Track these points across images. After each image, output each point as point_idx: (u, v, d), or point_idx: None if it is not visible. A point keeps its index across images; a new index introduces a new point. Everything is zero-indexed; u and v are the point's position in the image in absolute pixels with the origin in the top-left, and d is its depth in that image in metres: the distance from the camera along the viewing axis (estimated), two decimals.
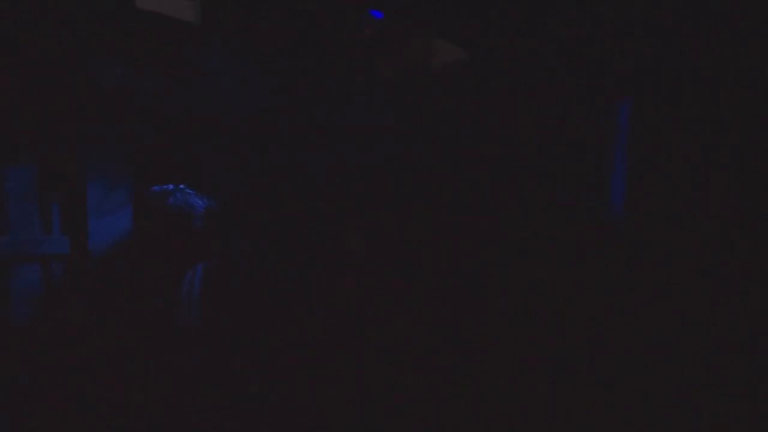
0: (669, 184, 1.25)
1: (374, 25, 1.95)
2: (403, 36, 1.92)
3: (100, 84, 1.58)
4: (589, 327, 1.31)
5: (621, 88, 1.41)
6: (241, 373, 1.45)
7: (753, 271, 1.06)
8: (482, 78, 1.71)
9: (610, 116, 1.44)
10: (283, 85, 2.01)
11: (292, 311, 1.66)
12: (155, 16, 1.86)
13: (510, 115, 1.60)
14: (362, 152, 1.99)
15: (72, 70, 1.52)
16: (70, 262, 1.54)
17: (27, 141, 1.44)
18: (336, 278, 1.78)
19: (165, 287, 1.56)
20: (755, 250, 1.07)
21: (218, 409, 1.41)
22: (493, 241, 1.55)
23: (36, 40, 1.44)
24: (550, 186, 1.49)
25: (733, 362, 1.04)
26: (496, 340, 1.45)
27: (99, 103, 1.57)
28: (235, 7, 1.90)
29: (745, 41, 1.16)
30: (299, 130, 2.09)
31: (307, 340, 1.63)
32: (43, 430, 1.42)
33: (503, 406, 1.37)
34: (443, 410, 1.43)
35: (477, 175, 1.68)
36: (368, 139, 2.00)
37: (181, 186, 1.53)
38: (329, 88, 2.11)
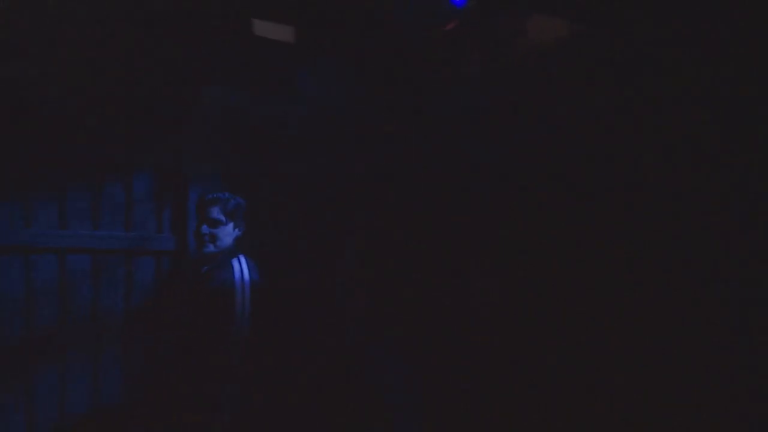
0: None
1: (457, 16, 1.77)
2: (490, 22, 1.68)
3: (206, 102, 1.79)
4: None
5: None
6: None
7: None
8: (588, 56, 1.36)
9: None
10: (372, 93, 1.98)
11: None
12: (262, 41, 2.04)
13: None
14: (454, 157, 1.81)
15: (185, 91, 1.76)
16: (174, 258, 1.78)
17: (148, 154, 1.71)
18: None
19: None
20: None
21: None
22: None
23: (157, 69, 1.71)
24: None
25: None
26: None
27: (201, 120, 1.78)
28: (326, 22, 1.93)
29: None
30: (391, 137, 2.02)
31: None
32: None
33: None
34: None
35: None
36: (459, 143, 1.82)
37: (227, 195, 1.54)
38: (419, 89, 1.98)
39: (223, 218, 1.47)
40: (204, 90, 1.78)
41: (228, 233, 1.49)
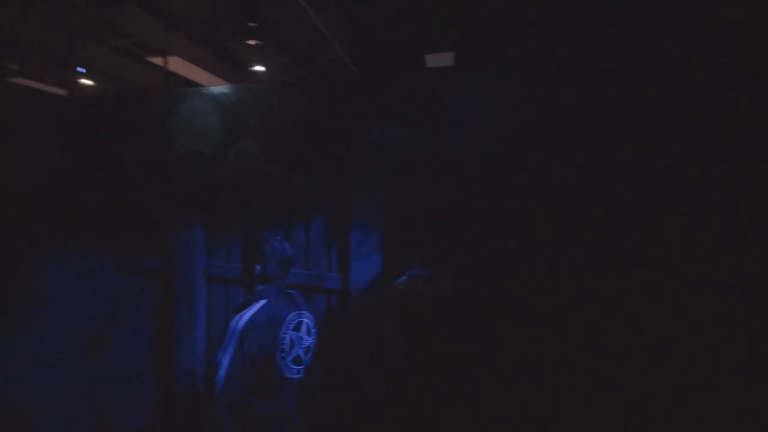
0: None
1: None
2: None
3: (372, 142, 1.85)
4: None
5: None
6: None
7: None
8: None
9: None
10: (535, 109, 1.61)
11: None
12: (426, 71, 1.98)
13: None
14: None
15: (355, 135, 1.88)
16: (340, 296, 1.87)
17: (322, 199, 1.89)
18: None
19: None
20: None
21: None
22: None
23: (331, 118, 1.89)
24: None
25: None
26: None
27: (366, 161, 1.84)
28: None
29: None
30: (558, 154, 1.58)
31: None
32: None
33: None
34: None
35: None
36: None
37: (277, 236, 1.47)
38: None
39: None
40: (372, 131, 1.84)
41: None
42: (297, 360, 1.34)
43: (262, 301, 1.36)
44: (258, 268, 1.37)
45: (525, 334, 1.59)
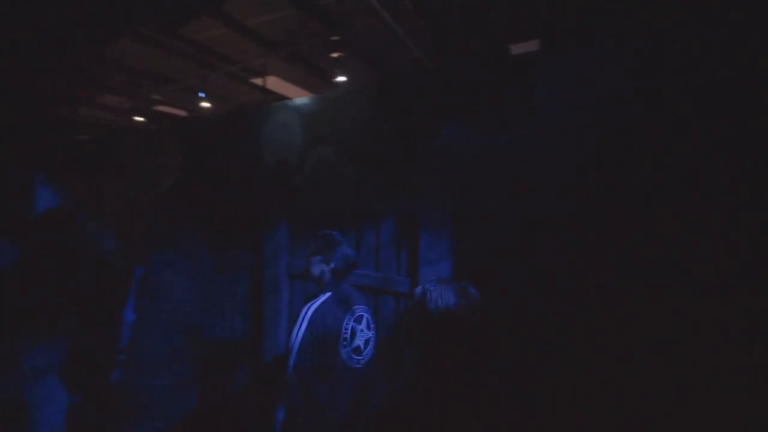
0: None
1: None
2: None
3: (442, 142, 1.80)
4: None
5: None
6: None
7: None
8: None
9: None
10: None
11: None
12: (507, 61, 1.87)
13: None
14: None
15: (425, 133, 1.86)
16: (407, 299, 1.85)
17: (392, 202, 1.91)
18: None
19: None
20: None
21: None
22: None
23: (401, 118, 1.89)
24: None
25: None
26: None
27: (435, 161, 1.80)
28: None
29: None
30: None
31: None
32: None
33: None
34: None
35: None
36: None
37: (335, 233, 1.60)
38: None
39: None
40: (442, 130, 1.79)
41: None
42: (357, 350, 1.44)
43: (329, 293, 1.49)
44: (325, 266, 1.54)
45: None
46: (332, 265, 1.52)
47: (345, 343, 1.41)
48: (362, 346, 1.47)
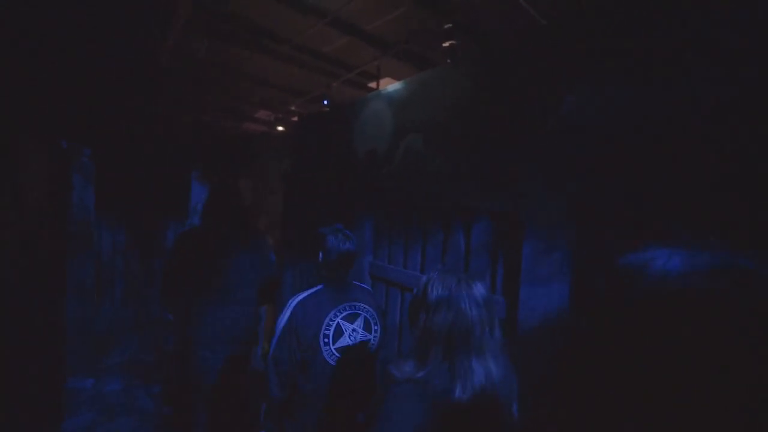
0: None
1: None
2: None
3: (563, 113, 1.31)
4: None
5: None
6: None
7: None
8: None
9: None
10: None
11: None
12: None
13: None
14: None
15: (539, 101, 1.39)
16: (504, 326, 1.40)
17: (486, 196, 1.49)
18: None
19: None
20: None
21: None
22: None
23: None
24: None
25: None
26: None
27: (551, 139, 1.31)
28: None
29: None
30: None
31: None
32: None
33: None
34: None
35: None
36: None
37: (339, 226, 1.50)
38: None
39: None
40: (563, 99, 1.29)
41: None
42: (343, 350, 1.35)
43: (319, 287, 1.43)
44: (321, 256, 1.44)
45: None
46: (321, 258, 1.44)
47: (326, 340, 1.34)
48: (351, 345, 1.38)
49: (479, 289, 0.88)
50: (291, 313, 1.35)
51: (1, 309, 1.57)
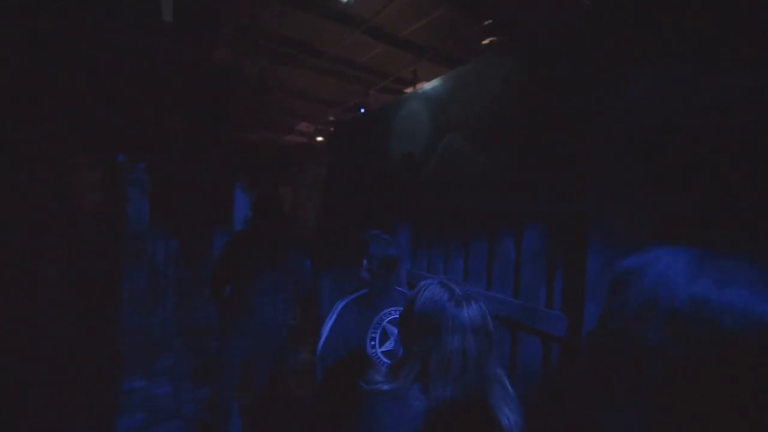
0: None
1: None
2: None
3: (629, 96, 1.11)
4: None
5: None
6: None
7: None
8: None
9: None
10: None
11: None
12: None
13: None
14: None
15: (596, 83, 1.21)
16: (564, 347, 1.20)
17: (542, 197, 1.31)
18: None
19: None
20: None
21: None
22: None
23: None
24: None
25: None
26: None
27: (619, 127, 1.11)
28: None
29: None
30: None
31: None
32: None
33: None
34: None
35: None
36: None
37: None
38: None
39: None
40: (627, 86, 1.10)
41: None
42: (390, 354, 1.35)
43: (364, 291, 1.44)
44: (365, 262, 1.43)
45: None
46: (365, 264, 1.44)
47: (373, 343, 1.34)
48: (397, 350, 1.35)
49: (471, 313, 0.75)
50: (338, 315, 1.37)
51: (53, 312, 1.65)
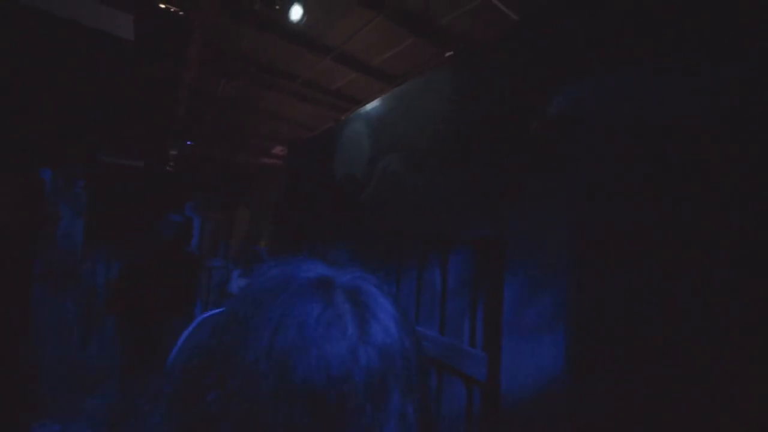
0: None
1: None
2: None
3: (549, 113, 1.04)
4: None
5: None
6: None
7: None
8: None
9: None
10: None
11: None
12: None
13: None
14: None
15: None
16: (485, 391, 1.04)
17: (466, 220, 1.20)
18: None
19: None
20: None
21: None
22: None
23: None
24: None
25: None
26: None
27: (532, 155, 1.03)
28: None
29: None
30: None
31: None
32: None
33: None
34: None
35: None
36: None
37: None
38: None
39: None
40: (551, 96, 1.03)
41: None
42: None
43: None
44: None
45: None
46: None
47: None
48: None
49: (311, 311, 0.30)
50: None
51: None
